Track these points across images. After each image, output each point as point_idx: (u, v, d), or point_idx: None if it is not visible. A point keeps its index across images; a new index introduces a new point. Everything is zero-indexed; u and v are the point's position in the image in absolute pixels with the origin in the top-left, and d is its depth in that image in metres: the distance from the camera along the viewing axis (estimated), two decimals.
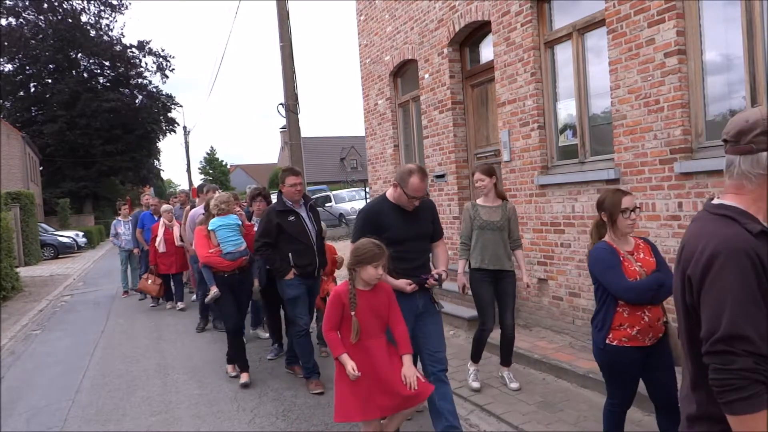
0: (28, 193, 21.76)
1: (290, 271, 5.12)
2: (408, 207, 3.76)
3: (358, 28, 10.46)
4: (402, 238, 3.71)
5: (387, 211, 3.79)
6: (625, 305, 3.03)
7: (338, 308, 3.32)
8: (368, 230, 3.64)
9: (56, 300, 12.18)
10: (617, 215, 3.11)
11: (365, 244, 3.28)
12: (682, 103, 4.59)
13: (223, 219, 5.58)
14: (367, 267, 3.25)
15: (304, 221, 5.29)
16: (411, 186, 3.67)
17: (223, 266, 5.49)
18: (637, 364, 3.08)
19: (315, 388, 5.17)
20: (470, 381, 4.88)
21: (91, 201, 40.77)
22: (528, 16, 6.16)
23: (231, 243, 5.52)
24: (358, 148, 48.45)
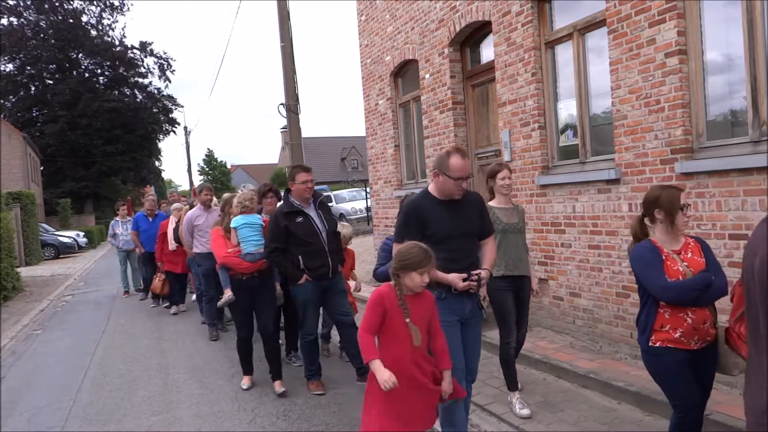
0: (29, 193, 21.77)
1: (302, 277, 4.93)
2: (456, 194, 3.45)
3: (359, 28, 10.47)
4: (446, 235, 3.41)
5: (430, 206, 3.48)
6: (666, 306, 2.91)
7: (379, 311, 3.02)
8: (413, 227, 3.40)
9: (57, 300, 12.19)
10: (677, 212, 2.95)
11: (411, 249, 3.02)
12: (682, 103, 4.59)
13: (247, 217, 5.27)
14: (412, 273, 2.98)
15: (313, 221, 5.01)
16: (453, 167, 3.38)
17: (242, 268, 5.15)
18: (685, 364, 2.89)
19: (316, 389, 5.13)
20: (518, 410, 4.32)
21: (92, 201, 40.79)
22: (529, 16, 6.16)
23: (252, 243, 5.20)
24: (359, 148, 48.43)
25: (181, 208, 9.06)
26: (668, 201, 2.97)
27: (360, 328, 3.07)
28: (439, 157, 3.48)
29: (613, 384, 4.48)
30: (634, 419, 4.09)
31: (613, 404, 4.36)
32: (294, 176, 5.08)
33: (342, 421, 4.45)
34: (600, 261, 5.50)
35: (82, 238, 27.31)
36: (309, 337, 5.14)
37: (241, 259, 5.14)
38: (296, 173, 5.09)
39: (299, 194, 5.04)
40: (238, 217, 5.26)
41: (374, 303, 3.05)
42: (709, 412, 3.81)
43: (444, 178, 3.42)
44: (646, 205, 3.06)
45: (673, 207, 2.95)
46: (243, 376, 5.49)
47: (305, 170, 5.12)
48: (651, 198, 3.05)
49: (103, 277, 15.84)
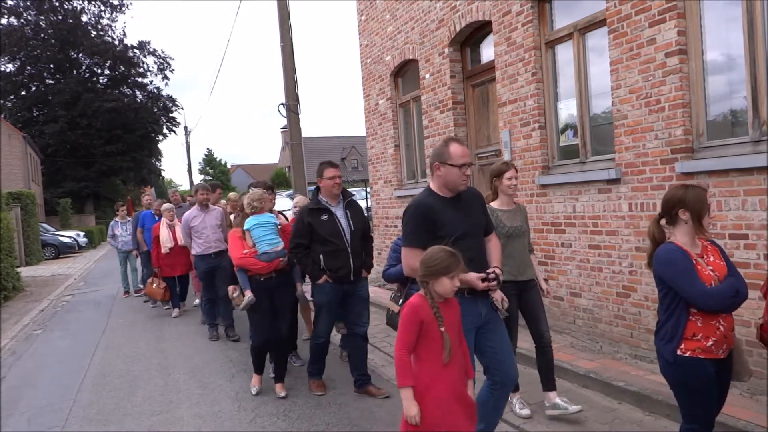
0: (30, 193, 21.78)
1: (322, 276, 4.79)
2: (461, 184, 3.28)
3: (359, 28, 10.47)
4: (461, 234, 3.21)
5: (438, 205, 3.28)
6: (698, 314, 2.72)
7: (416, 325, 2.80)
8: (424, 229, 3.22)
9: (57, 300, 12.19)
10: (705, 213, 2.78)
11: (437, 254, 2.83)
12: (683, 103, 4.59)
13: (258, 217, 5.16)
14: (442, 279, 2.79)
15: (338, 220, 4.84)
16: (454, 153, 3.23)
17: (258, 268, 5.03)
18: (713, 379, 2.75)
19: (316, 389, 5.08)
20: (518, 410, 4.28)
21: (92, 201, 40.82)
22: (529, 16, 6.16)
23: (266, 242, 5.07)
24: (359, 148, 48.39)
25: (172, 209, 8.96)
26: (696, 201, 2.79)
27: (396, 347, 2.85)
28: (437, 148, 3.37)
29: (613, 384, 4.48)
30: (634, 419, 4.09)
31: (614, 404, 4.36)
32: (322, 172, 4.90)
33: (342, 421, 4.45)
34: (600, 261, 5.50)
35: (83, 238, 27.32)
36: (319, 339, 5.01)
37: (256, 260, 5.02)
38: (324, 169, 4.91)
39: (328, 191, 4.88)
40: (250, 218, 5.17)
41: (409, 318, 2.83)
42: None
43: (446, 169, 3.27)
44: (669, 206, 2.86)
45: (701, 207, 2.78)
46: (253, 375, 5.31)
47: (333, 166, 4.95)
48: (674, 198, 2.85)
49: (103, 277, 15.84)
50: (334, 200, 4.91)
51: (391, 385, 4.92)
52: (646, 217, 4.95)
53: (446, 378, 2.82)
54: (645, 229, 4.92)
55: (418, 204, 3.34)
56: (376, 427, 4.33)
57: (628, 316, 5.25)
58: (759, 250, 4.12)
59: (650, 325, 5.01)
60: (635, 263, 5.13)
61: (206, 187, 7.69)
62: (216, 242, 7.29)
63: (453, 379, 2.84)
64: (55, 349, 7.72)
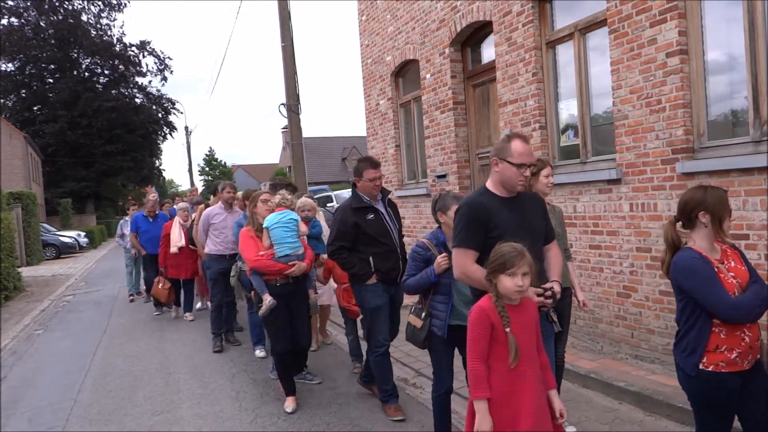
0: (30, 193, 21.78)
1: (373, 274, 4.41)
2: (518, 184, 3.03)
3: (360, 28, 10.47)
4: (513, 236, 2.89)
5: (492, 204, 3.02)
6: (722, 324, 2.55)
7: (487, 330, 2.60)
8: (475, 229, 2.96)
9: (58, 300, 12.19)
10: (726, 216, 2.63)
11: (499, 248, 2.63)
12: (684, 103, 4.58)
13: (280, 215, 4.74)
14: (501, 276, 2.59)
15: (384, 219, 4.52)
16: (515, 151, 2.97)
17: (277, 270, 4.66)
18: (737, 393, 2.59)
19: (394, 414, 4.42)
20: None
21: (93, 201, 40.86)
22: (529, 16, 6.16)
23: (287, 245, 4.68)
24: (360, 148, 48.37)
25: (187, 208, 8.66)
26: (717, 203, 2.62)
27: (468, 356, 2.64)
28: (498, 143, 3.11)
29: (614, 384, 4.48)
30: (635, 419, 4.09)
31: (614, 404, 4.36)
32: (361, 172, 4.49)
33: (342, 421, 4.45)
34: (601, 261, 5.50)
35: (83, 238, 27.33)
36: (380, 349, 4.46)
37: (275, 262, 4.67)
38: (363, 169, 4.49)
39: (367, 192, 4.52)
40: (271, 216, 4.74)
41: (478, 322, 2.62)
42: None
43: (504, 166, 3.01)
44: (687, 208, 2.69)
45: (723, 209, 2.62)
46: (285, 397, 4.84)
47: (373, 166, 4.52)
48: (693, 200, 2.67)
49: (104, 277, 15.84)
50: (375, 198, 4.57)
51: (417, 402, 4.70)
52: (647, 218, 4.95)
53: (520, 386, 2.60)
54: (646, 230, 4.96)
55: (470, 202, 3.10)
56: (376, 427, 4.33)
57: (628, 316, 5.24)
58: (760, 250, 4.12)
59: (651, 326, 5.01)
60: (636, 263, 5.12)
61: (233, 185, 7.27)
62: (233, 244, 6.68)
63: (526, 387, 2.62)
64: (56, 349, 7.73)
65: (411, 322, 3.77)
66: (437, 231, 3.75)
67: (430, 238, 3.73)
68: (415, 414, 4.48)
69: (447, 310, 3.59)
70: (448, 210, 3.58)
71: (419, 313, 3.72)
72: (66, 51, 38.14)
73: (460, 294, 3.55)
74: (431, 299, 3.68)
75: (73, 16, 38.02)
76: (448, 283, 3.56)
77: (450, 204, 3.61)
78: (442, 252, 3.59)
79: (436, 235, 3.74)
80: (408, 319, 3.81)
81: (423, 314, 3.68)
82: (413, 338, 3.76)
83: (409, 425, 4.30)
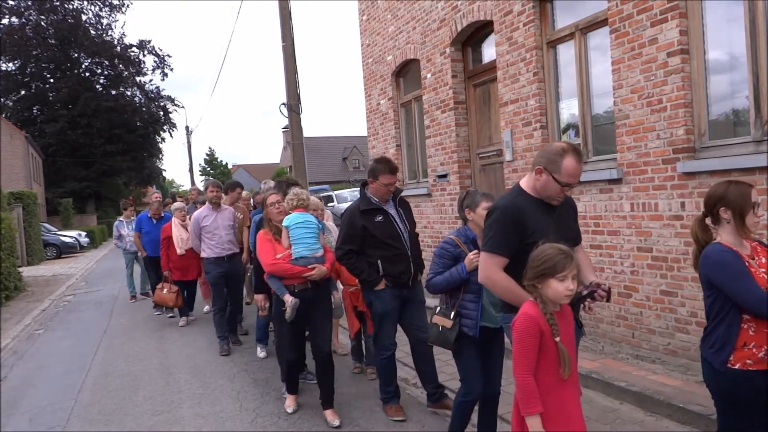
0: (31, 193, 21.79)
1: (381, 280, 4.29)
2: (555, 199, 2.92)
3: (361, 27, 10.47)
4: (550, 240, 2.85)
5: (528, 206, 2.90)
6: (751, 320, 2.51)
7: (536, 339, 2.43)
8: (511, 232, 2.84)
9: (59, 300, 12.19)
10: (748, 211, 2.57)
11: (544, 251, 2.49)
12: (684, 103, 4.58)
13: (303, 215, 4.52)
14: (550, 281, 2.44)
15: (394, 221, 4.37)
16: (566, 170, 2.82)
17: (294, 273, 4.39)
18: (765, 392, 2.53)
19: (396, 414, 4.41)
20: None
21: (94, 201, 40.90)
22: (530, 16, 6.15)
23: (305, 245, 4.42)
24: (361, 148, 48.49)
25: (184, 208, 8.37)
26: (739, 197, 2.58)
27: (517, 369, 2.46)
28: (550, 152, 2.89)
29: (614, 384, 4.47)
30: (635, 419, 4.08)
31: (615, 404, 4.36)
32: (377, 175, 4.33)
33: (343, 421, 4.44)
34: (602, 261, 5.49)
35: (84, 237, 27.35)
36: (386, 353, 4.43)
37: (292, 265, 4.39)
38: (380, 173, 4.33)
39: (379, 195, 4.38)
40: (292, 215, 4.53)
41: (526, 330, 2.44)
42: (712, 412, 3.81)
43: (547, 179, 2.86)
44: (710, 203, 2.67)
45: (744, 205, 2.57)
46: (287, 395, 4.81)
47: (391, 171, 4.35)
48: (716, 195, 2.65)
49: (104, 277, 15.85)
50: (385, 200, 4.42)
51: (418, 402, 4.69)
52: (648, 218, 4.94)
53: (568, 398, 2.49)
54: (647, 230, 4.95)
55: (507, 205, 2.93)
56: (376, 427, 4.33)
57: (629, 316, 5.24)
58: None
59: (652, 326, 5.01)
60: (637, 263, 5.12)
61: (217, 183, 7.06)
62: (229, 244, 6.77)
63: (574, 399, 2.52)
64: (57, 348, 7.73)
65: (437, 322, 3.57)
66: (464, 228, 3.62)
67: (458, 235, 3.60)
68: (415, 414, 4.47)
69: (478, 309, 3.47)
70: (478, 207, 3.48)
71: (447, 312, 3.55)
72: (66, 51, 38.17)
73: (489, 294, 3.40)
74: (462, 298, 3.51)
75: (73, 16, 38.05)
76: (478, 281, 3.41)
77: (479, 201, 3.50)
78: (471, 249, 3.47)
79: (464, 232, 3.60)
80: (433, 319, 3.61)
81: (452, 314, 3.51)
82: (441, 340, 3.56)
83: (409, 425, 4.30)
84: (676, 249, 4.70)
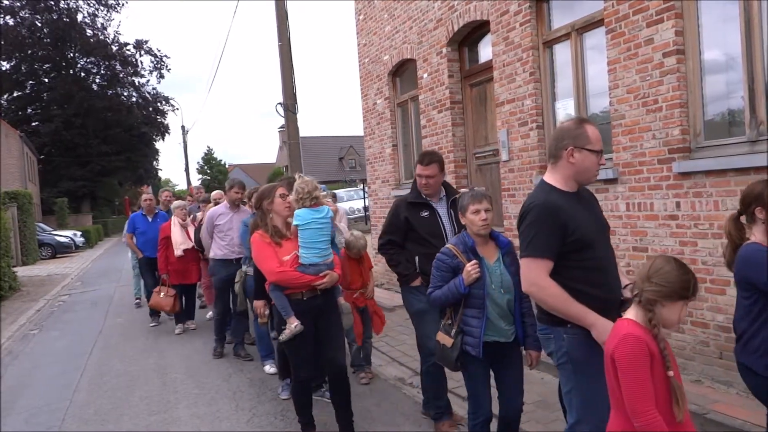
0: (26, 193, 21.72)
1: (418, 277, 4.04)
2: (594, 176, 2.70)
3: (357, 27, 10.46)
4: (591, 239, 2.61)
5: (564, 203, 2.64)
6: None
7: (648, 364, 2.03)
8: (554, 233, 2.56)
9: (54, 300, 12.16)
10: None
11: (673, 267, 2.09)
12: (680, 103, 4.59)
13: (316, 212, 3.88)
14: (679, 304, 2.07)
15: (440, 219, 4.10)
16: (593, 136, 2.63)
17: (304, 283, 3.84)
18: None
19: (450, 429, 4.08)
20: None
21: (89, 200, 40.79)
22: (527, 16, 6.16)
23: (316, 252, 3.85)
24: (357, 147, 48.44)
25: (185, 207, 7.91)
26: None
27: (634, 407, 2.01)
28: (568, 130, 2.69)
29: None
30: None
31: None
32: (415, 165, 4.10)
33: None
34: None
35: (79, 237, 27.27)
36: (431, 358, 3.89)
37: (301, 273, 3.83)
38: (416, 164, 4.14)
39: (420, 188, 4.14)
40: (304, 212, 3.86)
41: (637, 355, 2.02)
42: (706, 411, 3.83)
43: (583, 155, 2.62)
44: (745, 202, 2.62)
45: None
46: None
47: (421, 161, 4.09)
48: (753, 194, 2.59)
49: (100, 276, 15.81)
50: (435, 197, 4.17)
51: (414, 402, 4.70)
52: (644, 217, 4.95)
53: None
54: (642, 229, 4.96)
55: (545, 203, 2.62)
56: (374, 426, 4.33)
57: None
58: None
59: None
60: (633, 263, 5.13)
61: (242, 184, 6.68)
62: (240, 247, 6.19)
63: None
64: (52, 348, 7.71)
65: (439, 340, 3.30)
66: (463, 235, 3.27)
67: (456, 243, 3.26)
68: (412, 413, 4.48)
69: (481, 326, 3.15)
70: (467, 211, 3.19)
71: (449, 329, 3.26)
72: (61, 50, 38.08)
73: (495, 306, 3.16)
74: (462, 313, 3.21)
75: (68, 15, 37.92)
76: (481, 294, 3.13)
77: (467, 204, 3.20)
78: (470, 259, 3.16)
79: (462, 239, 3.25)
80: (437, 336, 3.34)
81: (453, 331, 3.22)
82: (443, 359, 3.29)
83: (406, 425, 4.30)
84: (672, 249, 4.71)
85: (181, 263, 7.51)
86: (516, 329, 3.22)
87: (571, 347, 2.58)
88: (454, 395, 4.44)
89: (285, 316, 3.85)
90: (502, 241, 3.30)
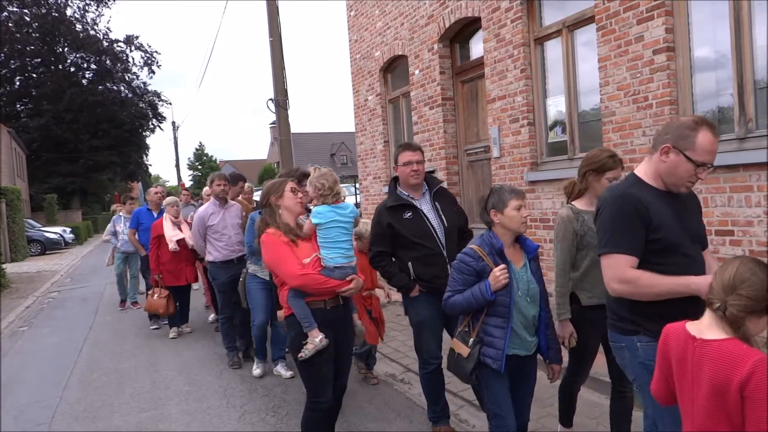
0: (15, 189, 21.53)
1: (415, 287, 3.79)
2: (684, 185, 2.37)
3: (348, 23, 10.44)
4: (678, 241, 2.35)
5: (651, 199, 2.35)
6: None
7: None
8: (636, 229, 2.30)
9: (43, 296, 12.07)
10: None
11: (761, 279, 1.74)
12: (670, 100, 4.62)
13: (339, 209, 3.42)
14: (764, 318, 1.76)
15: (424, 217, 3.79)
16: (702, 145, 2.26)
17: (328, 289, 3.30)
18: None
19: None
20: None
21: (79, 197, 40.48)
22: (518, 13, 6.17)
23: (341, 251, 3.37)
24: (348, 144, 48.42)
25: (177, 203, 7.42)
26: None
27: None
28: (679, 126, 2.34)
29: (601, 379, 4.50)
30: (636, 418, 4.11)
31: (602, 399, 4.39)
32: (397, 158, 3.85)
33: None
34: None
35: (69, 234, 27.05)
36: (429, 366, 3.86)
37: (326, 277, 3.30)
38: (399, 153, 3.85)
39: (405, 181, 3.87)
40: (324, 209, 3.40)
41: None
42: None
43: (678, 159, 2.30)
44: None
45: None
46: None
47: (409, 148, 3.85)
48: None
49: (90, 273, 15.71)
50: (417, 192, 3.88)
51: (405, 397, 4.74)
52: None
53: None
54: None
55: (624, 195, 2.37)
56: (365, 423, 4.34)
57: None
58: (744, 246, 4.16)
59: None
60: None
61: (225, 176, 6.08)
62: (239, 245, 5.85)
63: None
64: (41, 345, 7.65)
65: (454, 348, 3.02)
66: (489, 235, 2.94)
67: (480, 245, 2.92)
68: (404, 410, 4.49)
69: (505, 337, 2.85)
70: (506, 207, 2.87)
71: (466, 338, 2.95)
72: (51, 45, 37.68)
73: (521, 315, 2.89)
74: (483, 321, 2.92)
75: (57, 10, 37.56)
76: (507, 302, 2.84)
77: (508, 199, 2.88)
78: (498, 262, 2.86)
79: (488, 240, 2.92)
80: (451, 343, 3.07)
81: (471, 340, 2.91)
82: (457, 369, 3.00)
83: (398, 422, 4.31)
84: None
85: (174, 263, 7.09)
86: (539, 341, 3.01)
87: (647, 356, 2.33)
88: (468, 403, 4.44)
89: (307, 329, 3.27)
90: (530, 246, 3.03)
